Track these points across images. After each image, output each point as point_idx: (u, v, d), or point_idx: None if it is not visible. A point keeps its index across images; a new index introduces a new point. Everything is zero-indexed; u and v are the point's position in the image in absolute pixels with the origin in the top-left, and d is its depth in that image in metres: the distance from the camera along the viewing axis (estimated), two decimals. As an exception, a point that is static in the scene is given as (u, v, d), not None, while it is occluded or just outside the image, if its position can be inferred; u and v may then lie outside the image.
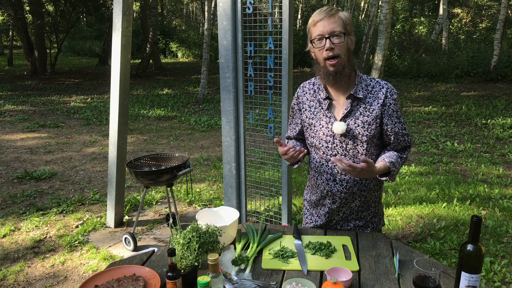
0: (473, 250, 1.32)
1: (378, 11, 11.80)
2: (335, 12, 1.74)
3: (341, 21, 1.73)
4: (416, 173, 5.46)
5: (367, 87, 1.82)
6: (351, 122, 1.80)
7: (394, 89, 1.84)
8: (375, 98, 1.80)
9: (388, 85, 1.83)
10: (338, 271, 1.53)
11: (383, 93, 1.80)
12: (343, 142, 1.83)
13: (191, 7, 37.50)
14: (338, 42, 1.72)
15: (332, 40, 1.72)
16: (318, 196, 1.97)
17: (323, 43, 1.74)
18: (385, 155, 1.83)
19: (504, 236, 3.75)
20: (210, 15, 10.66)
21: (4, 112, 9.64)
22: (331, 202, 1.93)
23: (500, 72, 12.75)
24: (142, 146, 6.97)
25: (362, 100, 1.80)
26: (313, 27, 1.77)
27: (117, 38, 3.67)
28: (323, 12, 1.75)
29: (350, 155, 1.84)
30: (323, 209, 1.98)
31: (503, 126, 7.61)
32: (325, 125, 1.84)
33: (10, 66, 19.29)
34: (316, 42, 1.76)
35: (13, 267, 3.36)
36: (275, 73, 2.95)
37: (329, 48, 1.72)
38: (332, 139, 1.84)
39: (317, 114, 1.87)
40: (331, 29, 1.71)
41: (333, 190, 1.90)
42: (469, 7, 22.08)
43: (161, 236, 3.89)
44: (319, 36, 1.74)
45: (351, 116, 1.81)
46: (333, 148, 1.85)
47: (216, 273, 1.44)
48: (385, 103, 1.79)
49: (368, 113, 1.79)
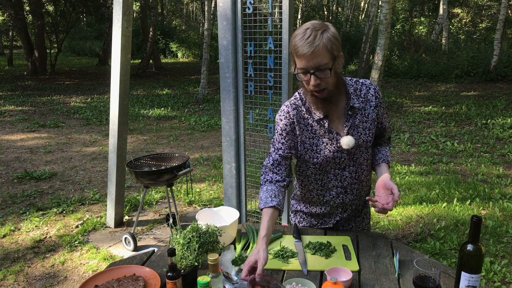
0: (473, 250, 1.32)
1: (378, 11, 11.80)
2: (319, 41, 1.54)
3: (325, 50, 1.55)
4: (416, 173, 5.46)
5: (356, 91, 1.77)
6: (354, 133, 1.77)
7: (377, 86, 1.85)
8: (367, 102, 1.78)
9: (372, 84, 1.81)
10: (338, 271, 1.53)
11: (372, 94, 1.79)
12: (351, 154, 1.80)
13: (191, 7, 37.49)
14: (324, 77, 1.60)
15: (318, 75, 1.59)
16: (327, 209, 1.92)
17: (308, 77, 1.61)
18: (382, 154, 1.91)
19: (504, 236, 3.75)
20: (210, 15, 10.66)
21: (4, 112, 9.64)
22: (341, 211, 1.92)
23: (500, 72, 12.74)
24: (142, 146, 6.97)
25: (357, 107, 1.77)
26: (296, 57, 1.60)
27: (117, 38, 3.67)
28: (306, 45, 1.54)
29: (357, 164, 1.83)
30: (332, 218, 1.95)
31: (503, 126, 7.61)
32: (329, 142, 1.77)
33: (10, 66, 19.29)
34: (301, 74, 1.63)
35: (13, 267, 3.36)
36: (275, 73, 2.95)
37: (315, 84, 1.61)
38: (340, 154, 1.79)
39: (317, 133, 1.78)
40: (316, 64, 1.56)
41: (345, 201, 1.89)
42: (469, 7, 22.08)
43: (161, 236, 3.89)
44: (302, 70, 1.61)
45: (352, 126, 1.77)
46: (341, 162, 1.81)
47: (216, 273, 1.44)
48: (376, 104, 1.79)
49: (366, 119, 1.78)
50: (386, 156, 1.90)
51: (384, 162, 1.88)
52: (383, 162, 1.87)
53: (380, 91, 1.84)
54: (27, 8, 17.02)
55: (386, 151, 1.93)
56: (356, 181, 1.85)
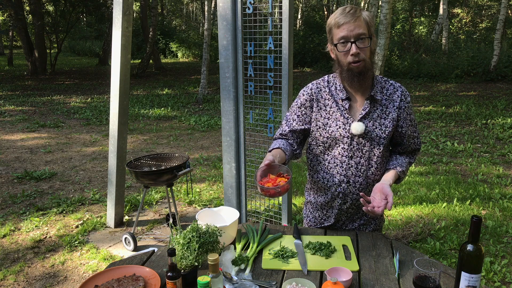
0: (473, 250, 1.32)
1: (378, 11, 11.80)
2: (360, 14, 1.68)
3: (365, 23, 1.68)
4: (416, 173, 5.46)
5: (383, 89, 1.81)
6: (369, 124, 1.79)
7: (407, 91, 1.85)
8: (390, 101, 1.80)
9: (402, 87, 1.84)
10: (338, 271, 1.53)
11: (398, 96, 1.81)
12: (360, 144, 1.81)
13: (191, 7, 37.50)
14: (363, 47, 1.68)
15: (358, 45, 1.67)
16: (328, 197, 1.93)
17: (347, 47, 1.69)
18: (397, 162, 1.87)
19: (504, 236, 3.75)
20: (210, 15, 10.66)
21: (4, 112, 9.64)
22: (341, 203, 1.91)
23: (500, 72, 12.74)
24: (142, 146, 6.97)
25: (379, 102, 1.80)
26: (336, 29, 1.69)
27: (117, 38, 3.67)
28: (348, 15, 1.67)
29: (366, 157, 1.82)
30: (331, 211, 1.95)
31: (503, 126, 7.61)
32: (342, 125, 1.80)
33: (10, 66, 19.29)
34: (340, 45, 1.70)
35: (13, 267, 3.36)
36: (275, 73, 2.95)
37: (355, 53, 1.67)
38: (350, 141, 1.80)
39: (333, 114, 1.82)
40: (357, 33, 1.66)
41: (346, 192, 1.88)
42: (469, 7, 22.08)
43: (161, 236, 3.89)
44: (343, 40, 1.68)
45: (369, 117, 1.79)
46: (349, 149, 1.82)
47: (216, 273, 1.44)
48: (400, 106, 1.80)
49: (385, 115, 1.79)
50: (400, 165, 1.85)
51: (395, 169, 1.84)
52: (394, 169, 1.84)
53: (410, 97, 1.84)
54: (27, 8, 17.03)
55: (403, 161, 1.88)
56: (361, 174, 1.83)
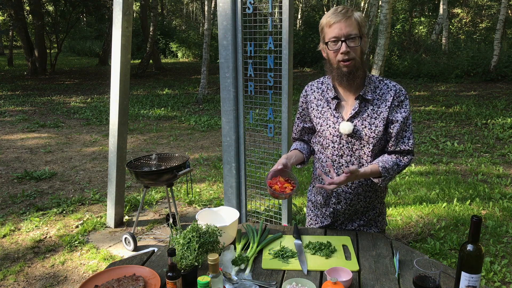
0: (473, 250, 1.32)
1: (378, 11, 11.80)
2: (351, 14, 1.72)
3: (356, 23, 1.71)
4: (416, 173, 5.46)
5: (376, 89, 1.81)
6: (358, 123, 1.80)
7: (403, 90, 1.83)
8: (383, 100, 1.80)
9: (397, 87, 1.81)
10: (338, 271, 1.53)
11: (391, 95, 1.80)
12: (350, 143, 1.82)
13: (191, 7, 37.49)
14: (353, 46, 1.71)
15: (348, 44, 1.70)
16: (324, 196, 1.97)
17: (338, 46, 1.72)
18: (381, 159, 1.79)
19: (504, 236, 3.75)
20: (210, 15, 10.66)
21: (4, 112, 9.64)
22: (336, 202, 1.93)
23: (500, 72, 12.74)
24: (142, 146, 6.97)
25: (370, 101, 1.80)
26: (328, 28, 1.74)
27: (117, 38, 3.67)
28: (339, 14, 1.71)
29: (356, 156, 1.83)
30: (328, 210, 1.98)
31: (503, 126, 7.61)
32: (332, 125, 1.84)
33: (10, 66, 19.29)
34: (330, 44, 1.74)
35: (13, 267, 3.36)
36: (275, 73, 2.95)
37: (344, 52, 1.71)
38: (339, 140, 1.83)
39: (324, 114, 1.87)
40: (347, 32, 1.70)
41: (338, 191, 1.89)
42: (469, 7, 22.08)
43: (161, 236, 3.89)
44: (334, 39, 1.72)
45: (358, 117, 1.80)
46: (339, 148, 1.84)
47: (216, 273, 1.44)
48: (392, 105, 1.80)
49: (376, 115, 1.79)
50: (384, 162, 1.76)
51: (377, 164, 1.75)
52: (376, 163, 1.76)
53: (406, 96, 1.81)
54: (27, 8, 17.03)
55: (389, 159, 1.79)
56: None
